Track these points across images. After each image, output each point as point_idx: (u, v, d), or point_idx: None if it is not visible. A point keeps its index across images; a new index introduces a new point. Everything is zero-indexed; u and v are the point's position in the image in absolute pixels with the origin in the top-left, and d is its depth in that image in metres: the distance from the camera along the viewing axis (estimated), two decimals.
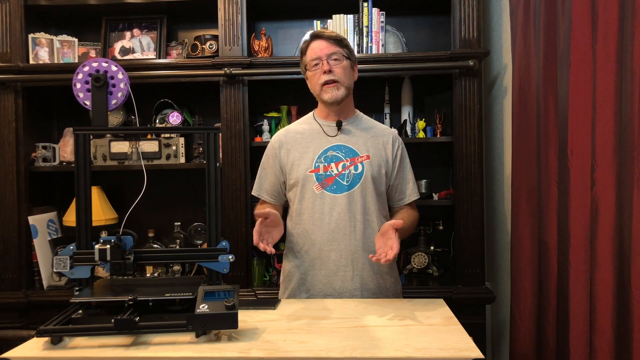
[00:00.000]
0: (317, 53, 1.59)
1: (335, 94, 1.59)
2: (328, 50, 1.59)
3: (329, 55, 1.59)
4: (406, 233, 1.65)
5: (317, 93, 1.63)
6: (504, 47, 2.30)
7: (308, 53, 1.63)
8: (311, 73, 1.62)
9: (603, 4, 1.36)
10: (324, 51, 1.59)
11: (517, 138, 1.91)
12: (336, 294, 1.59)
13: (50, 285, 2.36)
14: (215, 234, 1.34)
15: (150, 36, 2.49)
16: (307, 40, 1.65)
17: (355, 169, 1.62)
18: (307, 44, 1.64)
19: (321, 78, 1.59)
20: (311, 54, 1.61)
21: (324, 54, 1.58)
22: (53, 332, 1.15)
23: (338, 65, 1.59)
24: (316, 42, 1.61)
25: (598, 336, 1.41)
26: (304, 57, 1.65)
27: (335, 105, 1.62)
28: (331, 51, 1.59)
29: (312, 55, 1.61)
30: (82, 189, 1.35)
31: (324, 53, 1.59)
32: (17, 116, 2.30)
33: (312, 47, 1.62)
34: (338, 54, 1.60)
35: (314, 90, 1.65)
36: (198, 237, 2.41)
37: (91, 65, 1.39)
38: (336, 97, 1.59)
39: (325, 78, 1.58)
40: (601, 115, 1.38)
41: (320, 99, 1.64)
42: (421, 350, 1.13)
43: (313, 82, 1.63)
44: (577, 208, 1.50)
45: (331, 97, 1.59)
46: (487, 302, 2.25)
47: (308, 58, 1.62)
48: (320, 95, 1.63)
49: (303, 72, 1.68)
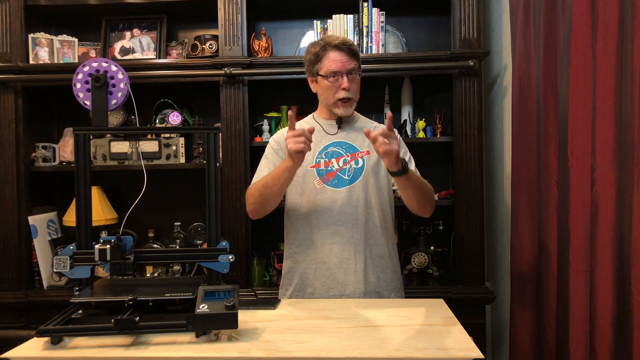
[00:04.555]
0: (337, 66, 1.58)
1: (348, 111, 1.64)
2: (348, 65, 1.59)
3: (349, 70, 1.59)
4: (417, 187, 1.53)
5: (329, 103, 1.64)
6: (504, 47, 2.30)
7: (325, 62, 1.59)
8: (327, 84, 1.60)
9: (603, 4, 1.36)
10: (345, 66, 1.58)
11: (517, 138, 1.91)
12: (339, 287, 1.60)
13: (50, 285, 2.36)
14: (215, 234, 1.34)
15: (150, 36, 2.49)
16: (323, 46, 1.60)
17: (356, 164, 1.63)
18: (324, 51, 1.60)
19: (339, 93, 1.60)
20: (331, 65, 1.58)
21: (345, 69, 1.58)
22: (53, 332, 1.15)
23: (354, 82, 1.62)
24: (336, 53, 1.59)
25: (598, 336, 1.41)
26: (319, 64, 1.61)
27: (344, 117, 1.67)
28: (351, 67, 1.59)
29: (331, 67, 1.58)
30: (82, 189, 1.35)
31: (345, 68, 1.58)
32: (17, 116, 2.30)
33: (332, 58, 1.59)
34: (355, 70, 1.61)
35: (326, 99, 1.64)
36: (198, 237, 2.41)
37: (91, 65, 1.39)
38: (348, 114, 1.65)
39: (343, 95, 1.60)
40: (601, 115, 1.38)
41: (330, 109, 1.66)
42: (421, 350, 1.13)
43: (327, 91, 1.62)
44: (577, 208, 1.50)
45: (344, 113, 1.64)
46: (487, 302, 2.25)
47: (325, 67, 1.59)
48: (332, 107, 1.64)
49: (312, 75, 1.65)
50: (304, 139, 1.40)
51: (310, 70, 1.66)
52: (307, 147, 1.41)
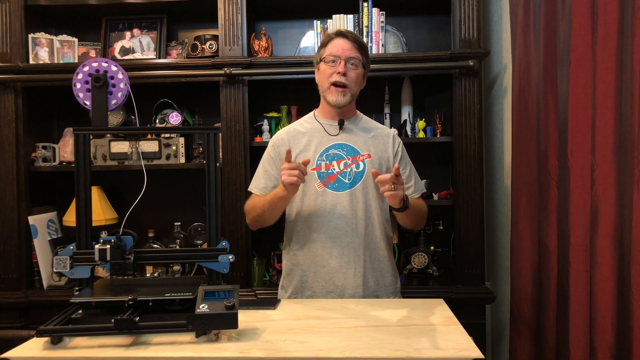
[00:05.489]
0: (338, 51, 1.59)
1: (340, 99, 1.60)
2: (350, 52, 1.59)
3: (348, 58, 1.59)
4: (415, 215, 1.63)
5: (323, 89, 1.64)
6: (504, 47, 2.30)
7: (328, 47, 1.62)
8: (325, 66, 1.61)
9: (603, 4, 1.36)
10: (345, 52, 1.59)
11: (517, 138, 1.91)
12: (338, 291, 1.60)
13: (50, 285, 2.35)
14: (215, 234, 1.34)
15: (150, 36, 2.49)
16: (331, 34, 1.63)
17: (357, 167, 1.63)
18: (330, 38, 1.63)
19: (333, 77, 1.59)
20: (332, 49, 1.60)
21: (345, 55, 1.59)
22: (53, 332, 1.15)
23: (353, 71, 1.60)
24: (341, 40, 1.61)
25: (598, 336, 1.41)
26: (323, 50, 1.64)
27: (337, 108, 1.64)
28: (352, 55, 1.59)
29: (332, 51, 1.60)
30: (82, 189, 1.35)
31: (345, 54, 1.59)
32: (17, 116, 2.30)
33: (335, 44, 1.61)
34: (356, 60, 1.60)
35: (321, 84, 1.65)
36: (198, 237, 2.41)
37: (91, 65, 1.39)
38: (340, 102, 1.61)
39: (336, 78, 1.59)
40: (601, 115, 1.38)
41: (324, 96, 1.65)
42: (421, 350, 1.13)
43: (323, 75, 1.63)
44: (577, 208, 1.50)
45: (335, 101, 1.61)
46: (487, 302, 2.25)
47: (327, 52, 1.62)
48: (325, 93, 1.63)
49: (316, 62, 1.67)
50: (298, 172, 1.42)
51: (316, 59, 1.67)
52: (300, 180, 1.44)
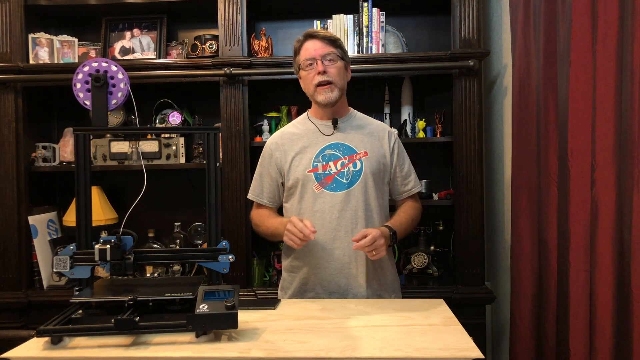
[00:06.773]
0: (311, 53, 1.58)
1: (329, 96, 1.59)
2: (323, 50, 1.58)
3: (323, 55, 1.58)
4: (407, 231, 1.66)
5: (311, 93, 1.63)
6: (504, 47, 2.30)
7: (302, 53, 1.61)
8: (305, 72, 1.61)
9: (603, 4, 1.36)
10: (318, 52, 1.58)
11: (517, 138, 1.91)
12: (341, 291, 1.59)
13: (50, 285, 2.35)
14: (215, 234, 1.34)
15: (150, 36, 2.49)
16: (300, 39, 1.63)
17: (354, 166, 1.62)
18: (300, 44, 1.63)
19: (315, 79, 1.58)
20: (305, 53, 1.60)
21: (319, 55, 1.58)
22: (53, 332, 1.15)
23: (332, 66, 1.59)
24: (310, 42, 1.60)
25: (598, 336, 1.41)
26: (298, 57, 1.64)
27: (329, 107, 1.62)
28: (326, 52, 1.58)
29: (306, 55, 1.59)
30: (82, 189, 1.35)
31: (318, 53, 1.58)
32: (17, 116, 2.30)
33: (306, 47, 1.60)
34: (332, 55, 1.59)
35: (308, 90, 1.64)
36: (198, 237, 2.41)
37: (91, 65, 1.39)
38: (330, 99, 1.59)
39: (319, 79, 1.57)
40: (601, 115, 1.38)
41: (314, 99, 1.64)
42: (421, 350, 1.13)
43: (307, 82, 1.62)
44: (577, 208, 1.50)
45: (325, 99, 1.59)
46: (487, 302, 2.25)
47: (302, 58, 1.61)
48: (314, 96, 1.62)
49: (296, 72, 1.67)
50: (299, 242, 1.45)
51: (295, 69, 1.67)
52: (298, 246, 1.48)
